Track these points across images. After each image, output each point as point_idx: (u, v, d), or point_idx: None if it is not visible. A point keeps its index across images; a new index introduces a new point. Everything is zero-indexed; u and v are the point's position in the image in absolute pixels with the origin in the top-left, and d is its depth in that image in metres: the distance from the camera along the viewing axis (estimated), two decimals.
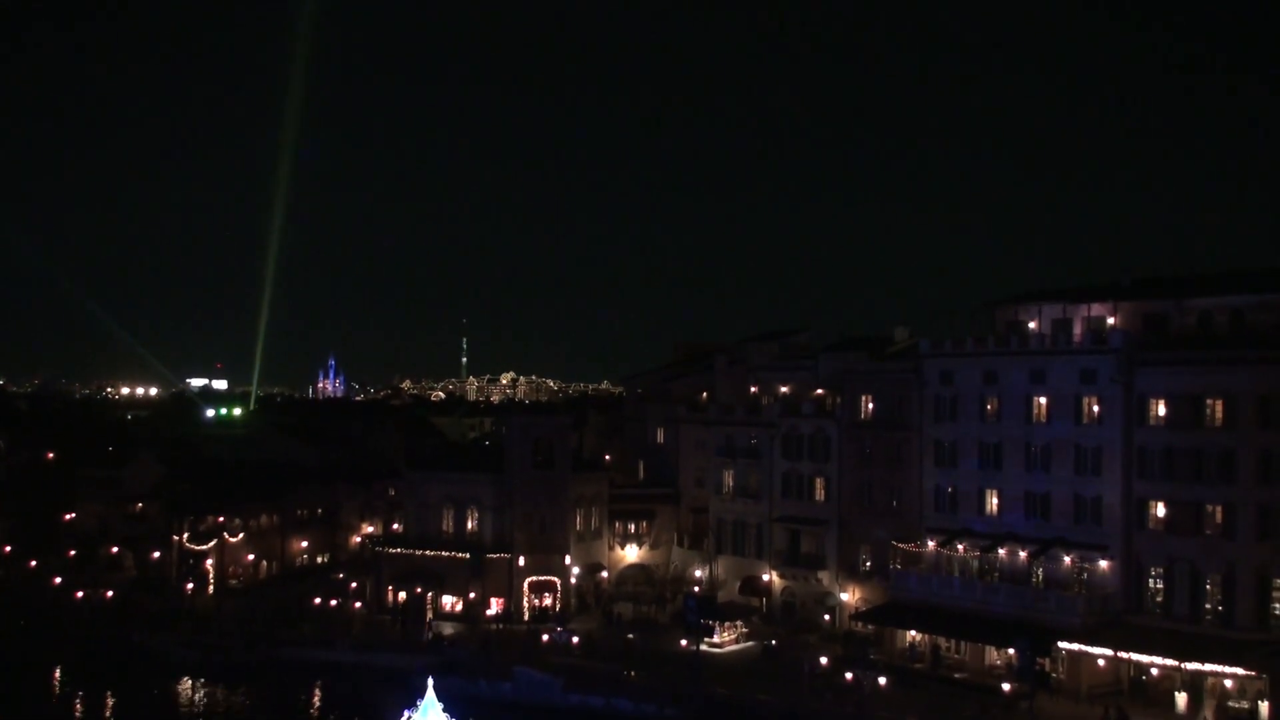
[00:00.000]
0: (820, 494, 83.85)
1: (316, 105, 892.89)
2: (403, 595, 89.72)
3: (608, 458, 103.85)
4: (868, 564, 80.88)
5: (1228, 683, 60.52)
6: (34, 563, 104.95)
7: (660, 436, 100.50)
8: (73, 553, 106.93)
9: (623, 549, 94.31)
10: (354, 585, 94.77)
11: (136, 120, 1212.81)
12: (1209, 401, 64.20)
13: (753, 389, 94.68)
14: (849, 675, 66.78)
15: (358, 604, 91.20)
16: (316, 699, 76.29)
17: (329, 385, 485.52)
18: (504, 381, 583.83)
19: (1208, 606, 63.59)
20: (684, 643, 76.25)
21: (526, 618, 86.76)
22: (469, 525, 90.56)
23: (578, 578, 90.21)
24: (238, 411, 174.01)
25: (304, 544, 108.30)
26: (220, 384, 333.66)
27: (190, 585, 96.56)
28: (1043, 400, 71.66)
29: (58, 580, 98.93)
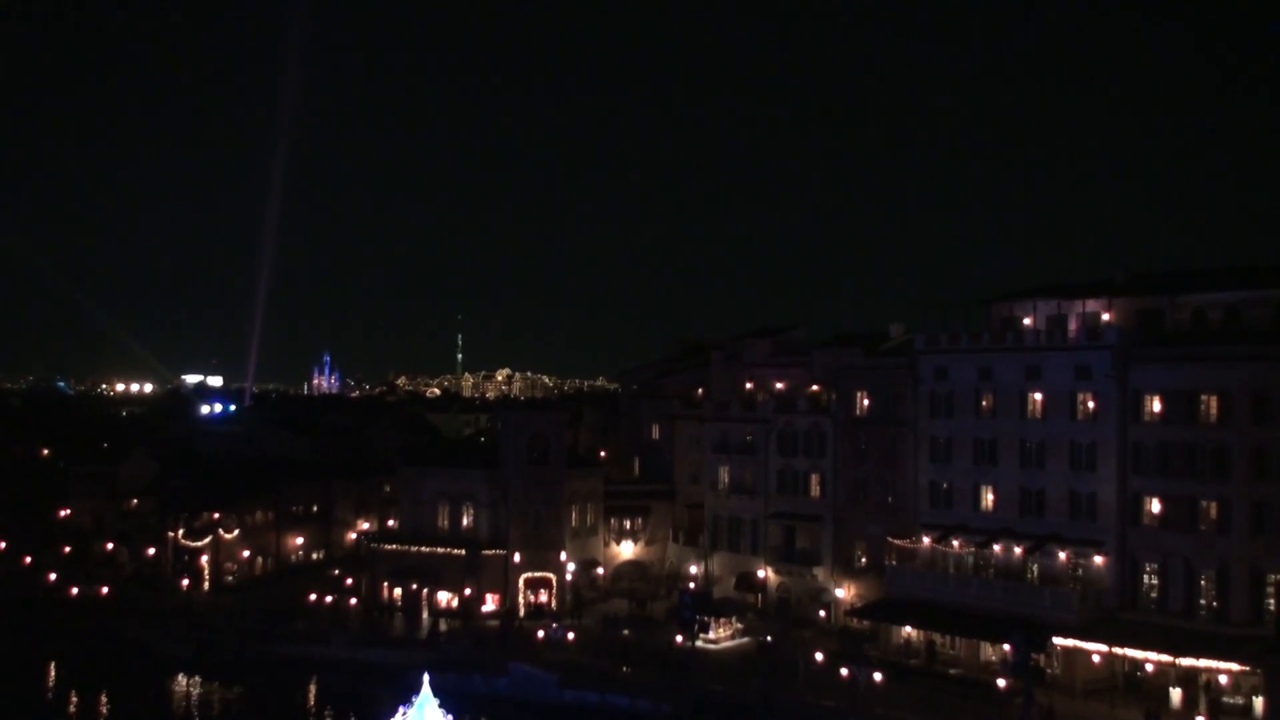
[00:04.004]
0: (815, 490, 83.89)
1: (312, 100, 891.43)
2: (398, 591, 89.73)
3: (603, 454, 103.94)
4: (863, 560, 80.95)
5: (1222, 678, 60.55)
6: (29, 559, 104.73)
7: (655, 433, 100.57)
8: (67, 549, 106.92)
9: (618, 545, 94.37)
10: (349, 581, 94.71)
11: (131, 116, 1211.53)
12: (1203, 397, 64.35)
13: (748, 385, 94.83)
14: (844, 671, 66.79)
15: (353, 600, 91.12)
16: (312, 695, 76.22)
17: (324, 382, 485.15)
18: (499, 378, 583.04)
19: (1202, 602, 63.77)
20: (679, 639, 76.21)
21: (522, 614, 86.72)
22: (464, 521, 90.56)
23: (573, 574, 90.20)
24: (232, 408, 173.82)
25: (299, 540, 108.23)
26: (215, 380, 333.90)
27: (185, 581, 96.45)
28: (1038, 396, 71.72)
29: (52, 576, 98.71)
